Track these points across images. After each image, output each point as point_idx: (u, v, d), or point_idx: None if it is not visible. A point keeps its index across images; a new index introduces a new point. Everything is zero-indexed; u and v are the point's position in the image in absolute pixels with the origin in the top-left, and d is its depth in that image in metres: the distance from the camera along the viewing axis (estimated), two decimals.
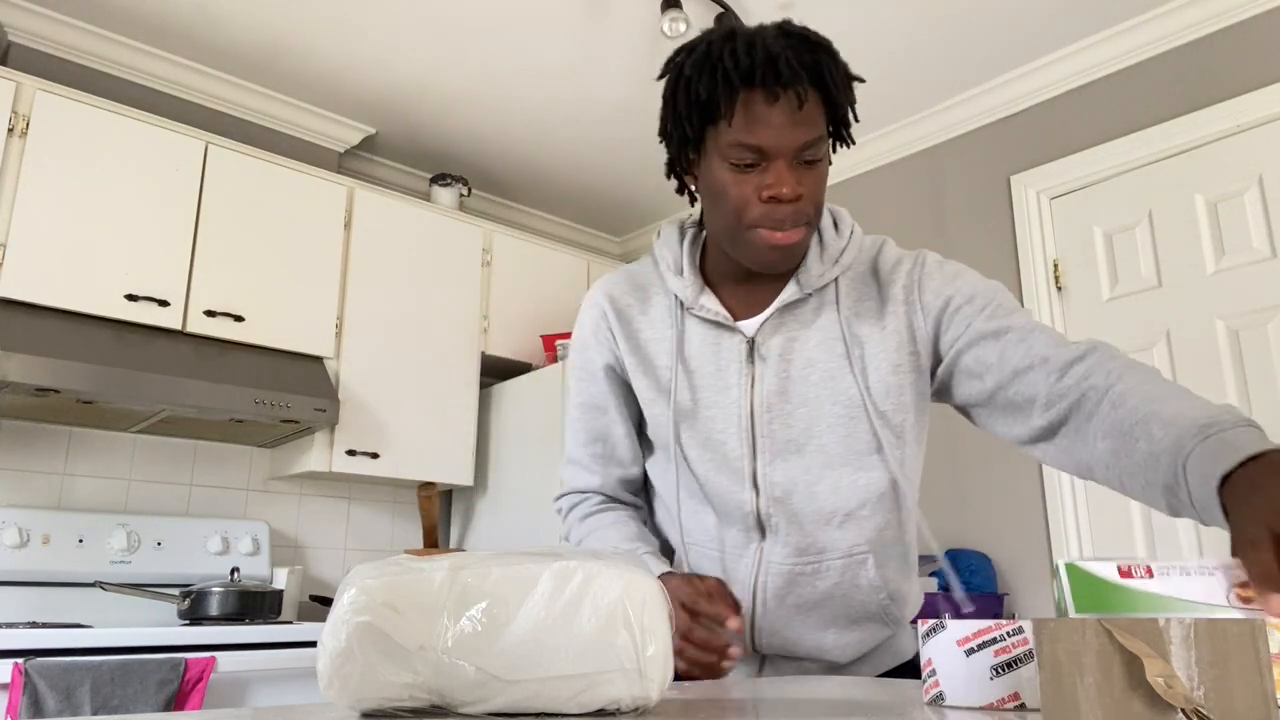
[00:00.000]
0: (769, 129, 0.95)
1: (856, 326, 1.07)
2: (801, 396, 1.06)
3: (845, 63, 1.01)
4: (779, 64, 0.93)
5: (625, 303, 1.15)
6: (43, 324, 2.38)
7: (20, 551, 2.47)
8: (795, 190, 0.97)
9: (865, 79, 1.05)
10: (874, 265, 1.11)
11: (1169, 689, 0.45)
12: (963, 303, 1.05)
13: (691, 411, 1.09)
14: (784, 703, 0.73)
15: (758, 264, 1.04)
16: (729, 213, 1.01)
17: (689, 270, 1.11)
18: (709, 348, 1.10)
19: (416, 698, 0.59)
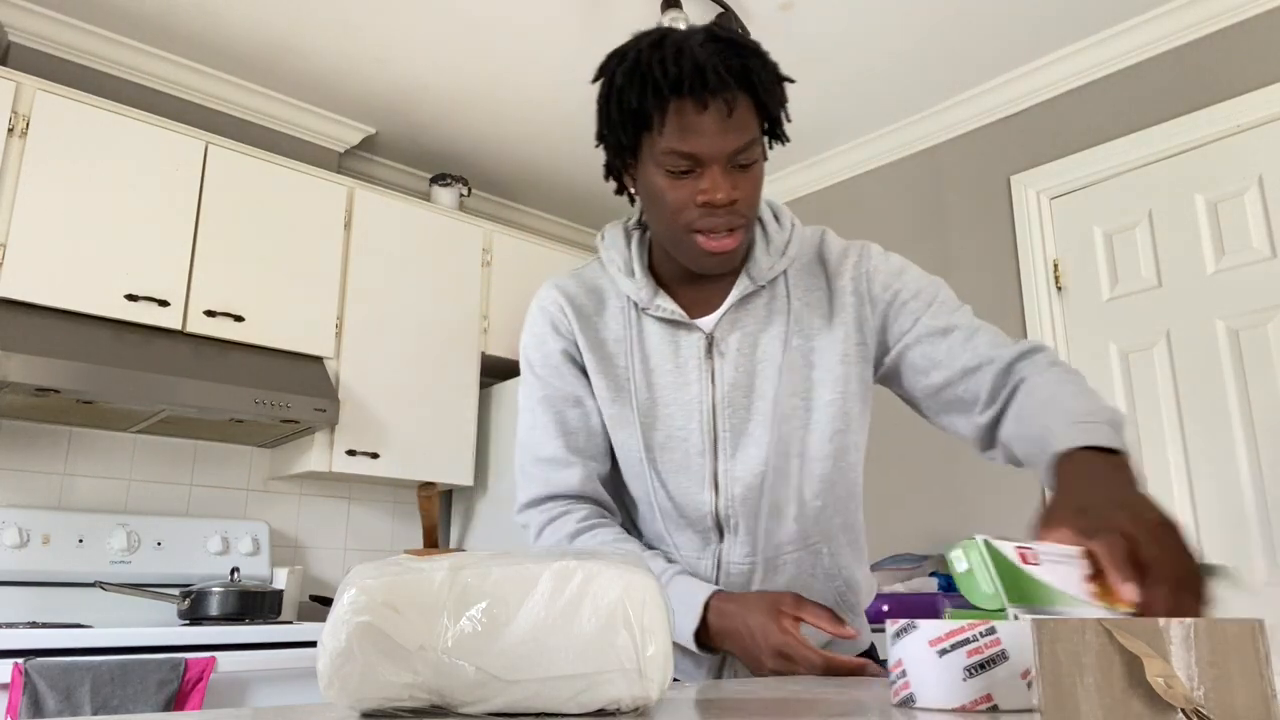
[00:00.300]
0: (700, 136, 0.97)
1: (807, 318, 1.10)
2: (760, 390, 1.08)
3: (774, 65, 1.02)
4: (706, 72, 0.95)
5: (581, 302, 1.14)
6: (43, 324, 2.38)
7: (20, 551, 2.47)
8: (730, 195, 0.99)
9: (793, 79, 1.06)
10: (819, 255, 1.15)
11: (1169, 689, 0.45)
12: (909, 298, 1.09)
13: (651, 410, 1.10)
14: (785, 703, 0.73)
15: (697, 267, 1.06)
16: (666, 217, 1.03)
17: (640, 271, 1.11)
18: (667, 346, 1.10)
19: (416, 698, 0.59)
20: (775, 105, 1.01)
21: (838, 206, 3.53)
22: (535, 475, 1.14)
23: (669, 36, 1.00)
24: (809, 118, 3.27)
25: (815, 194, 3.62)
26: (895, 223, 3.33)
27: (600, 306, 1.14)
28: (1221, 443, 2.45)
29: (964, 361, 1.05)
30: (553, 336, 1.14)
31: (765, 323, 1.10)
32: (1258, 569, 2.36)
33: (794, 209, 3.68)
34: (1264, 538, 2.35)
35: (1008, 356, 1.03)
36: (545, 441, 1.13)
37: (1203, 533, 2.45)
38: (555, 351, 1.14)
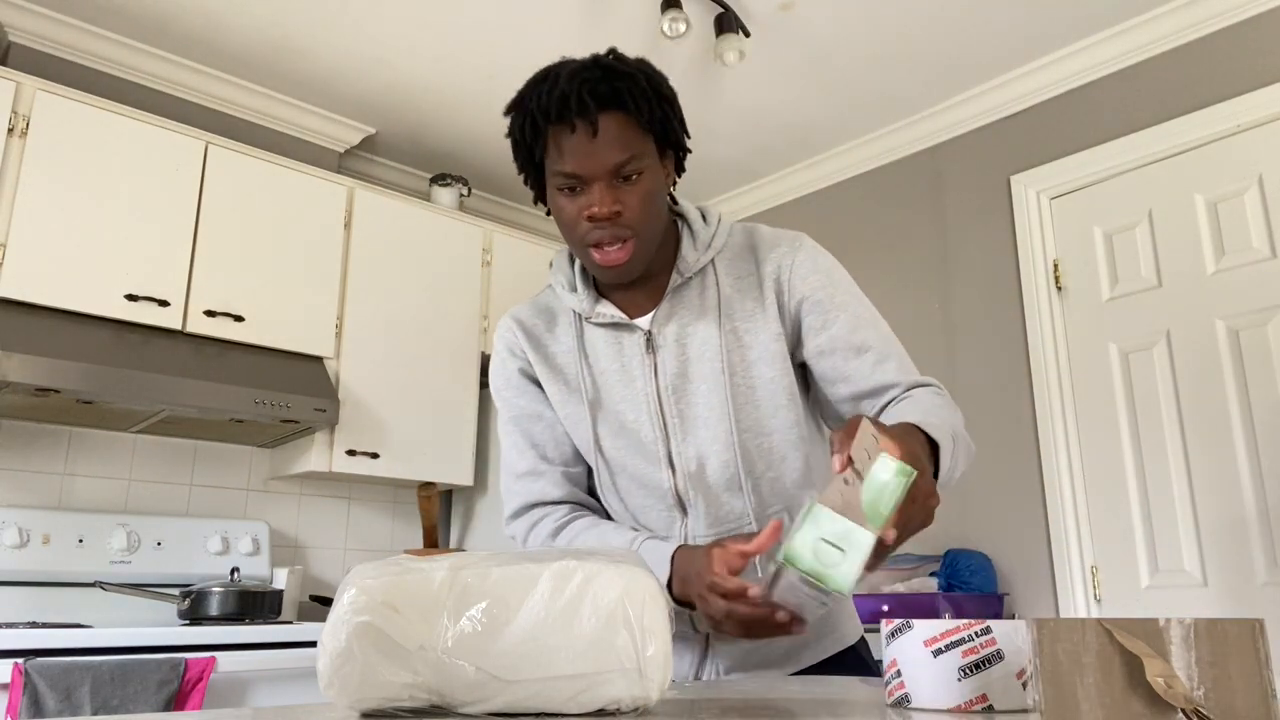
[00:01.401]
0: (575, 156, 1.06)
1: (738, 302, 1.16)
2: (700, 374, 1.15)
3: (656, 85, 1.09)
4: (570, 100, 1.04)
5: (532, 323, 1.24)
6: (43, 324, 2.38)
7: (20, 551, 2.47)
8: (610, 209, 1.06)
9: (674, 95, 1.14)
10: (751, 243, 1.21)
11: (1169, 689, 0.45)
12: (829, 304, 1.15)
13: (600, 405, 1.18)
14: (785, 703, 0.73)
15: (601, 278, 1.15)
16: (567, 233, 1.12)
17: (581, 285, 1.19)
18: (612, 348, 1.18)
19: (416, 698, 0.59)
20: (652, 121, 1.08)
21: (838, 206, 3.53)
22: (515, 490, 1.23)
23: (552, 71, 1.09)
24: (809, 118, 3.27)
25: (815, 194, 3.62)
26: (895, 223, 3.32)
27: (551, 324, 1.24)
28: (1221, 443, 2.45)
29: (872, 383, 1.13)
30: (510, 359, 1.24)
31: (699, 312, 1.17)
32: (1258, 569, 2.36)
33: (794, 209, 3.68)
34: (1264, 538, 2.35)
35: (906, 383, 1.12)
36: (518, 459, 1.23)
37: (1203, 533, 2.45)
38: (514, 373, 1.23)
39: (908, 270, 3.24)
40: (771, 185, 3.72)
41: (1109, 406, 2.68)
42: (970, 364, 3.01)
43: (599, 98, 1.05)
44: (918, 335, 3.14)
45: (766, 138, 3.41)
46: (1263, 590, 2.33)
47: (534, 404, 1.23)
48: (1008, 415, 2.87)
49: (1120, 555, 2.60)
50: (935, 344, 3.10)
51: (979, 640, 0.68)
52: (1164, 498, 2.54)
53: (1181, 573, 2.48)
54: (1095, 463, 2.69)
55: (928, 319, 3.15)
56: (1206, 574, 2.44)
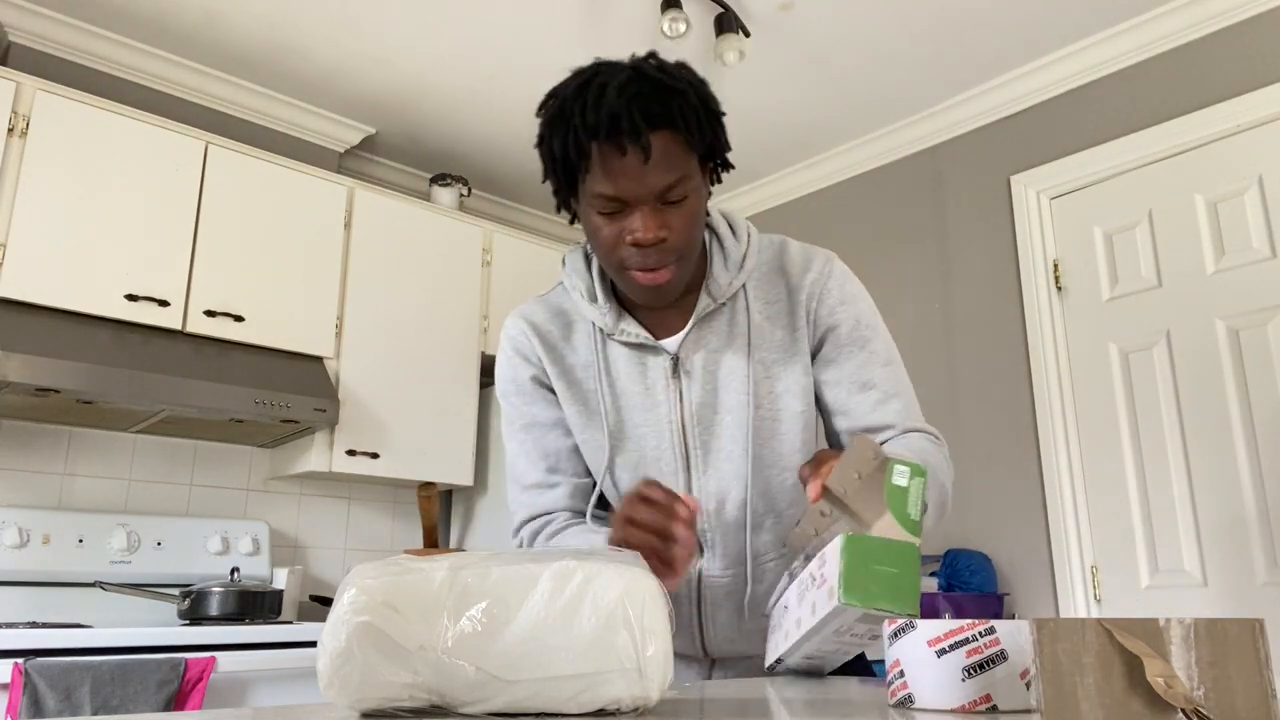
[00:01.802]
0: (623, 179, 0.98)
1: (768, 331, 1.12)
2: (727, 405, 1.10)
3: (705, 100, 1.02)
4: (621, 119, 0.96)
5: (547, 329, 1.16)
6: (43, 324, 2.38)
7: (20, 551, 2.47)
8: (657, 234, 1.00)
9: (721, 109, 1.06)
10: (780, 265, 1.15)
11: (1169, 689, 0.45)
12: (848, 338, 1.12)
13: (621, 434, 1.12)
14: (785, 703, 0.73)
15: (637, 299, 1.07)
16: (602, 254, 1.05)
17: (603, 297, 1.12)
18: (634, 369, 1.12)
19: (416, 698, 0.59)
20: (702, 142, 1.01)
21: (838, 206, 3.53)
22: (523, 501, 1.17)
23: (594, 80, 1.00)
24: (809, 118, 3.27)
25: (815, 194, 3.62)
26: (895, 223, 3.32)
27: (567, 331, 1.16)
28: (1221, 443, 2.45)
29: (870, 421, 1.10)
30: (522, 365, 1.16)
31: (728, 339, 1.11)
32: (1258, 569, 2.36)
33: (794, 209, 3.68)
34: (1264, 538, 2.35)
35: (905, 426, 1.10)
36: (528, 469, 1.16)
37: (1203, 533, 2.45)
38: (525, 379, 1.16)
39: (908, 270, 3.24)
40: (771, 185, 3.72)
41: (1109, 407, 2.68)
42: (970, 364, 3.01)
43: (650, 117, 0.97)
44: (918, 335, 3.14)
45: (766, 138, 3.41)
46: (1263, 590, 2.33)
47: (548, 411, 1.16)
48: (1008, 415, 2.87)
49: (1120, 555, 2.60)
50: (935, 344, 3.10)
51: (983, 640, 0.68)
52: (1164, 498, 2.54)
53: (1181, 573, 2.48)
54: (1095, 463, 2.69)
55: (928, 319, 3.15)
56: (1206, 574, 2.44)
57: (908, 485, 0.74)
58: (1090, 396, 2.73)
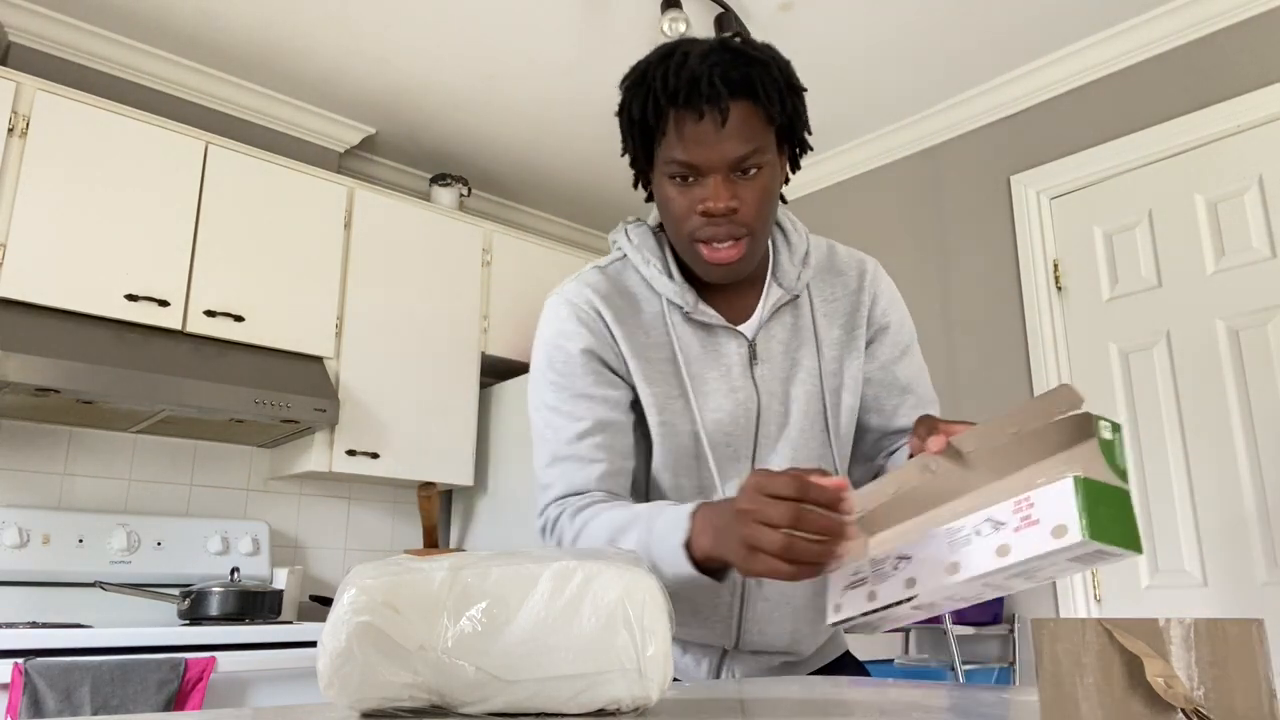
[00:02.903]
0: (697, 145, 0.98)
1: (827, 329, 1.14)
2: (795, 395, 1.11)
3: (787, 74, 1.02)
4: (700, 83, 0.96)
5: (616, 303, 1.10)
6: (43, 324, 2.38)
7: (20, 551, 2.47)
8: (728, 204, 0.99)
9: (803, 88, 1.06)
10: (832, 264, 1.18)
11: (1169, 689, 0.45)
12: (893, 335, 1.17)
13: (703, 413, 1.09)
14: (785, 703, 0.73)
15: (704, 275, 1.07)
16: (673, 225, 1.04)
17: (679, 274, 1.10)
18: (709, 351, 1.10)
19: (416, 698, 0.59)
20: (780, 114, 1.01)
21: (838, 206, 3.53)
22: (552, 474, 1.07)
23: (679, 49, 1.01)
24: (809, 117, 3.26)
25: (815, 194, 3.62)
26: (895, 223, 3.33)
27: (635, 308, 1.11)
28: (1221, 443, 2.45)
29: (901, 424, 1.14)
30: (582, 335, 1.08)
31: (794, 331, 1.13)
32: (1258, 569, 2.36)
33: (794, 209, 3.68)
34: (1264, 538, 2.35)
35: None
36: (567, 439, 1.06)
37: (1203, 532, 2.45)
38: (580, 351, 1.08)
39: (908, 270, 3.24)
40: None
41: (1109, 406, 2.68)
42: (970, 364, 3.01)
43: (730, 84, 0.97)
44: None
45: None
46: (1263, 590, 2.33)
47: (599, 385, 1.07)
48: None
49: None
50: (935, 344, 3.10)
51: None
52: (1164, 498, 2.54)
53: (1181, 573, 2.48)
54: None
55: (928, 319, 3.15)
56: (1206, 574, 2.44)
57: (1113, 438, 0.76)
58: (1090, 397, 2.73)
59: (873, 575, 0.83)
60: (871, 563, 0.84)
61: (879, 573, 0.82)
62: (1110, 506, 0.71)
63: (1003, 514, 0.74)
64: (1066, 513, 0.70)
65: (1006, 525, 0.74)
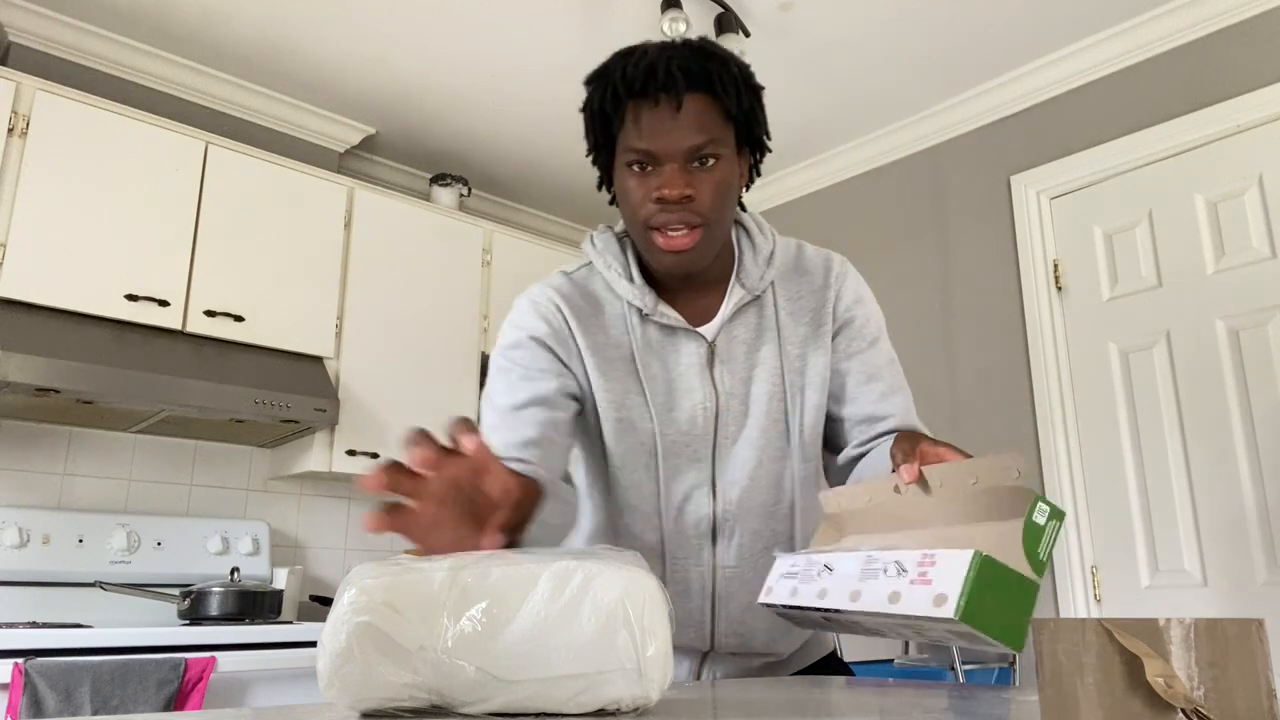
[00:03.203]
0: (654, 133, 1.00)
1: (792, 327, 1.15)
2: (755, 394, 1.12)
3: (745, 73, 1.06)
4: (657, 71, 0.99)
5: (578, 304, 1.12)
6: (43, 324, 2.38)
7: (20, 551, 2.47)
8: (682, 191, 1.00)
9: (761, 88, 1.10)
10: (799, 264, 1.19)
11: (1169, 689, 0.45)
12: (858, 329, 1.17)
13: (659, 415, 1.10)
14: (785, 703, 0.73)
15: (659, 266, 1.07)
16: (630, 214, 1.06)
17: (639, 277, 1.12)
18: (669, 354, 1.11)
19: (416, 698, 0.59)
20: (737, 108, 1.03)
21: (838, 206, 3.53)
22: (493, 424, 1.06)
23: (640, 47, 1.04)
24: (809, 118, 3.27)
25: (815, 194, 3.62)
26: (895, 223, 3.32)
27: (597, 310, 1.13)
28: (1221, 443, 2.45)
29: (869, 411, 1.14)
30: (537, 325, 1.09)
31: (758, 331, 1.13)
32: (1258, 569, 2.36)
33: (794, 209, 3.68)
34: (1264, 538, 2.35)
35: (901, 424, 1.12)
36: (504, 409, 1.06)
37: (1203, 532, 2.45)
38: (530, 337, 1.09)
39: (908, 270, 3.24)
40: (772, 185, 3.72)
41: (1109, 406, 2.68)
42: (970, 364, 3.01)
43: (688, 75, 1.00)
44: (918, 335, 3.14)
45: None
46: (1263, 590, 2.33)
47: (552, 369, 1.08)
48: (1008, 415, 2.87)
49: (1120, 555, 2.60)
50: (935, 344, 3.11)
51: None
52: (1164, 498, 2.54)
53: (1181, 573, 2.48)
54: (1095, 463, 2.69)
55: (928, 319, 3.15)
56: (1206, 574, 2.44)
57: (1045, 525, 0.74)
58: (1090, 397, 2.73)
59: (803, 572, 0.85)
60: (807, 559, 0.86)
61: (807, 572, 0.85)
62: (1003, 595, 0.69)
63: (909, 562, 0.74)
64: (952, 585, 0.69)
65: (907, 574, 0.73)
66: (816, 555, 0.85)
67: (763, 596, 0.89)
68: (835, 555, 0.83)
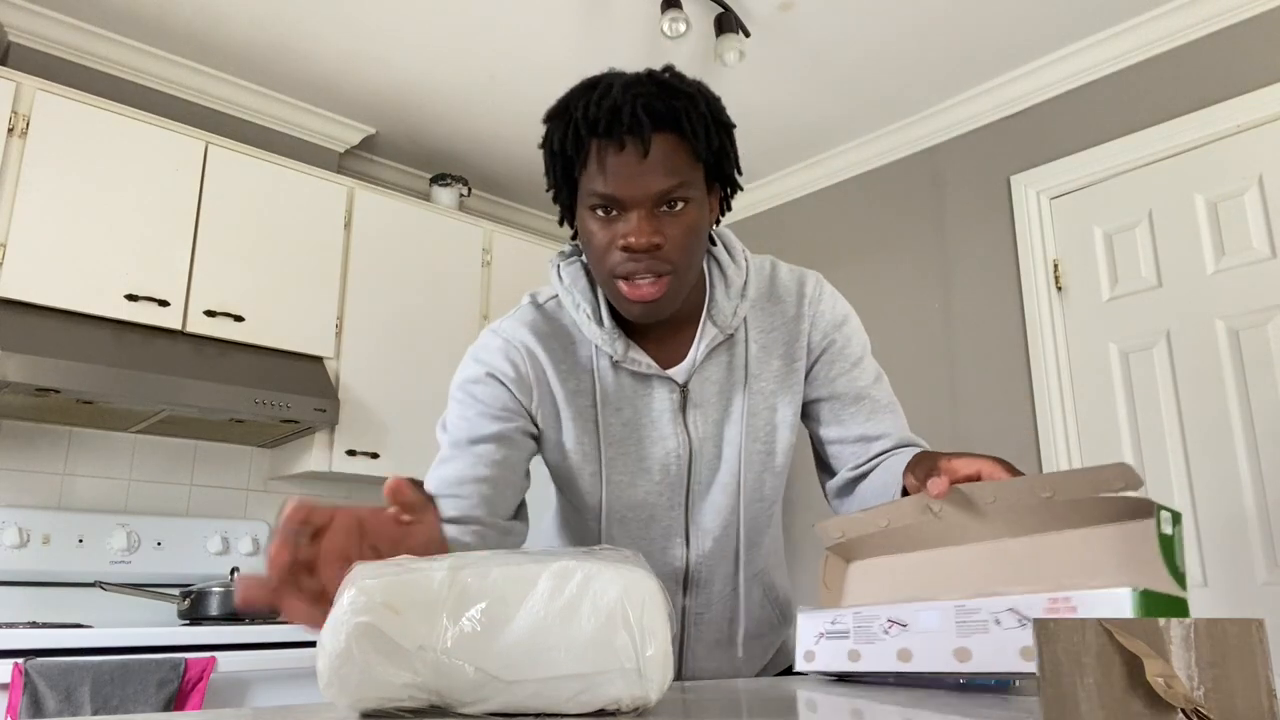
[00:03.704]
0: (619, 178, 0.94)
1: (765, 361, 1.10)
2: (729, 438, 1.08)
3: (714, 109, 0.99)
4: (623, 113, 0.93)
5: (551, 346, 1.07)
6: (43, 324, 2.38)
7: (20, 551, 2.47)
8: (649, 240, 0.94)
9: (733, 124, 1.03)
10: (772, 289, 1.13)
11: (1169, 689, 0.45)
12: (839, 352, 1.12)
13: (622, 463, 1.06)
14: (785, 703, 0.73)
15: (627, 314, 1.01)
16: (595, 260, 0.99)
17: (609, 320, 1.05)
18: (640, 399, 1.07)
19: (416, 698, 0.59)
20: (706, 149, 0.97)
21: (838, 206, 3.53)
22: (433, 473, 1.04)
23: (603, 80, 0.98)
24: (808, 118, 3.27)
25: (815, 194, 3.62)
26: (895, 223, 3.32)
27: (569, 348, 1.08)
28: (1221, 443, 2.45)
29: (860, 431, 1.11)
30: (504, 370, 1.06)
31: (728, 369, 1.09)
32: (1258, 569, 2.36)
33: (794, 209, 3.68)
34: (1264, 538, 2.35)
35: (899, 437, 1.10)
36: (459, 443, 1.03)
37: (1203, 532, 2.45)
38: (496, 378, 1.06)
39: (908, 270, 3.24)
40: (771, 185, 3.72)
41: (1109, 407, 2.68)
42: (970, 364, 3.01)
43: (654, 115, 0.93)
44: (918, 335, 3.14)
45: (766, 138, 3.41)
46: (1263, 590, 2.33)
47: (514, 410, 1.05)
48: (1008, 415, 2.87)
49: None
50: (935, 344, 3.10)
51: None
52: (1164, 498, 2.54)
53: None
54: (1095, 463, 2.69)
55: (928, 319, 3.15)
56: (1206, 574, 2.44)
57: (1173, 532, 0.65)
58: (1090, 396, 2.73)
59: (856, 630, 0.75)
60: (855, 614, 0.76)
61: (865, 630, 0.75)
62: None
63: (1032, 608, 0.64)
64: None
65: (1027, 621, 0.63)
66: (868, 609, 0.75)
67: (802, 664, 0.78)
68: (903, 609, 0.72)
